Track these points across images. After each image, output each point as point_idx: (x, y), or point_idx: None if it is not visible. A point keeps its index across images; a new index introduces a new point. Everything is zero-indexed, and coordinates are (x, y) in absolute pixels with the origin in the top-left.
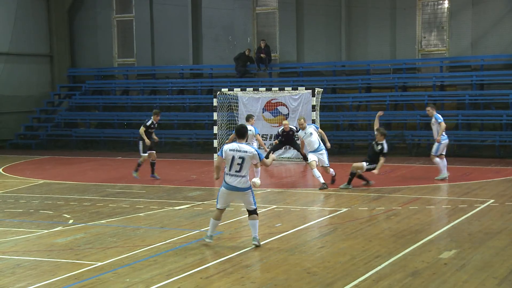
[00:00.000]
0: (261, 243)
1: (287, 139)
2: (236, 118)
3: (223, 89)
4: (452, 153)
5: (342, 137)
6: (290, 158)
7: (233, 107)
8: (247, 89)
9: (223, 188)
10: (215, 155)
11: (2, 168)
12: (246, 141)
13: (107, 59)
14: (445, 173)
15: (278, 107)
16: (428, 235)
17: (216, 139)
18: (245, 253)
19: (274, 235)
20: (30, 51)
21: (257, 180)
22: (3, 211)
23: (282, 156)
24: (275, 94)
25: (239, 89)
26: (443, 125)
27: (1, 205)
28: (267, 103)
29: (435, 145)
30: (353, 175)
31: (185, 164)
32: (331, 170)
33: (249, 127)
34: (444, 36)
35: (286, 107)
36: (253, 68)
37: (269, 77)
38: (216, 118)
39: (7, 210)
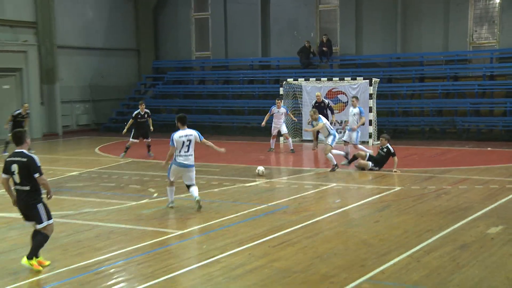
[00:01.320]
0: (322, 217)
1: (318, 109)
2: (300, 105)
3: (288, 79)
4: (500, 138)
5: (397, 123)
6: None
7: (297, 95)
8: (310, 79)
9: (174, 166)
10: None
11: (98, 148)
12: None
13: (186, 53)
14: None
15: (338, 95)
16: (476, 212)
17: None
18: (308, 226)
19: (334, 210)
20: (121, 46)
21: (261, 168)
22: (99, 185)
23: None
24: (336, 84)
25: (303, 79)
26: (363, 119)
27: (97, 180)
28: (328, 91)
29: (355, 133)
30: (354, 158)
31: (255, 146)
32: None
33: (282, 109)
34: (495, 29)
35: (345, 95)
36: (316, 60)
37: (330, 68)
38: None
39: (102, 184)
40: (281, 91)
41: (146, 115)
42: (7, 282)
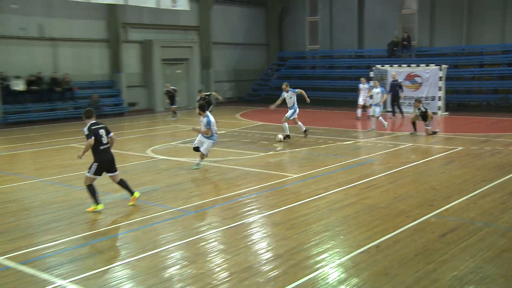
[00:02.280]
0: (400, 168)
1: (393, 87)
2: (384, 85)
3: (377, 65)
4: None
5: (460, 99)
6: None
7: (384, 78)
8: (394, 65)
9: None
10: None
11: (238, 114)
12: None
13: (301, 46)
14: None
15: (415, 78)
16: None
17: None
18: (389, 174)
19: (409, 163)
20: (255, 42)
21: (280, 135)
22: (239, 140)
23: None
24: (413, 69)
25: (388, 65)
26: (385, 96)
27: (237, 137)
28: (407, 75)
29: (378, 108)
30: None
31: (351, 115)
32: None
33: (366, 85)
34: None
35: (421, 77)
36: (398, 51)
37: (409, 58)
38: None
39: (241, 140)
40: (371, 74)
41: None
42: (185, 202)
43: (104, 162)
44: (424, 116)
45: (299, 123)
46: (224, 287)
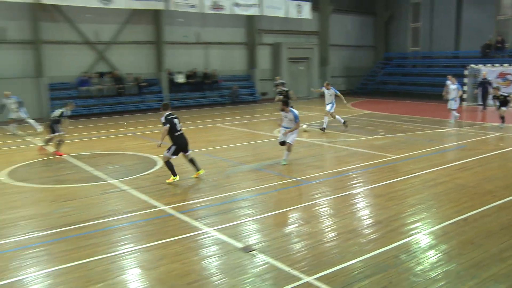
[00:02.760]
0: (489, 154)
1: (483, 84)
2: (476, 82)
3: (471, 65)
4: None
5: None
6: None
7: (476, 76)
8: (487, 65)
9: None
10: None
11: (350, 103)
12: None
13: (404, 48)
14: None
15: (507, 76)
16: None
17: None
18: (479, 158)
19: (497, 150)
20: (364, 44)
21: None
22: (349, 126)
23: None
24: (505, 68)
25: (481, 65)
26: (461, 92)
27: (348, 122)
28: (500, 73)
29: (453, 102)
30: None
31: (441, 106)
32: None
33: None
34: None
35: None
36: (492, 52)
37: (502, 58)
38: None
39: (351, 125)
40: (466, 72)
41: None
42: (303, 174)
43: (180, 145)
44: (504, 101)
45: (337, 116)
46: (333, 244)
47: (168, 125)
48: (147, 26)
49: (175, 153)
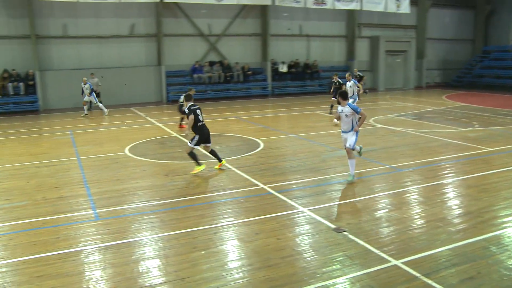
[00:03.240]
0: None
1: None
2: None
3: None
4: None
5: None
6: None
7: None
8: None
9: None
10: None
11: (444, 96)
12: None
13: (504, 41)
14: None
15: None
16: None
17: None
18: None
19: None
20: (462, 37)
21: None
22: (443, 117)
23: None
24: None
25: None
26: None
27: (441, 114)
28: None
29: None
30: None
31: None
32: None
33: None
34: None
35: None
36: None
37: None
38: None
39: (445, 116)
40: None
41: None
42: (396, 162)
43: (203, 135)
44: None
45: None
46: (422, 230)
47: (192, 115)
48: (254, 20)
49: (198, 143)
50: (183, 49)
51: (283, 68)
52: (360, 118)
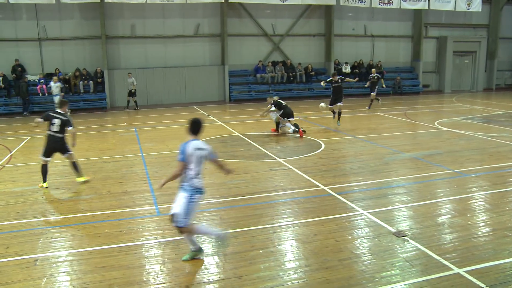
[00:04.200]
0: None
1: None
2: None
3: None
4: None
5: None
6: None
7: None
8: None
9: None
10: None
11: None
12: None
13: None
14: None
15: None
16: None
17: None
18: None
19: None
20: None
21: (323, 104)
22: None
23: None
24: None
25: None
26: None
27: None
28: None
29: None
30: None
31: None
32: None
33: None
34: None
35: None
36: None
37: None
38: None
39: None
40: None
41: None
42: (461, 166)
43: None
44: None
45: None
46: (487, 239)
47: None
48: (318, 20)
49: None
50: (247, 49)
51: (346, 69)
52: None
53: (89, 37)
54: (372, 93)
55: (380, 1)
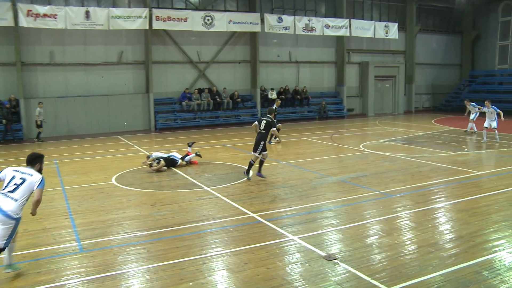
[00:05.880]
0: None
1: None
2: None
3: None
4: None
5: None
6: None
7: None
8: None
9: None
10: None
11: (434, 120)
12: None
13: (491, 65)
14: None
15: None
16: None
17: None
18: None
19: None
20: (449, 62)
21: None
22: (432, 141)
23: None
24: None
25: None
26: None
27: (432, 138)
28: None
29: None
30: None
31: None
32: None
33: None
34: None
35: None
36: None
37: None
38: None
39: (434, 141)
40: None
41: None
42: (387, 187)
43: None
44: None
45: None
46: (413, 256)
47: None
48: (244, 46)
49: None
50: (172, 76)
51: (273, 95)
52: None
53: (2, 63)
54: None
55: (304, 28)
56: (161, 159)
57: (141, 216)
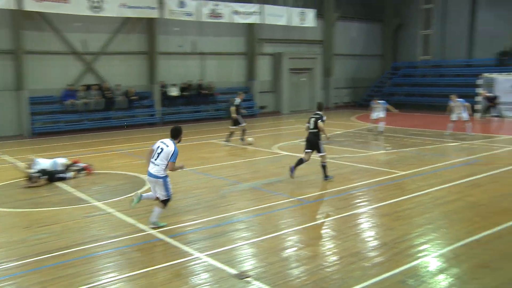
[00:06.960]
0: (504, 169)
1: None
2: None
3: (485, 74)
4: None
5: None
6: None
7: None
8: (503, 73)
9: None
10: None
11: (355, 116)
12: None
13: (413, 56)
14: None
15: None
16: None
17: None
18: (493, 174)
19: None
20: (371, 53)
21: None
22: (353, 140)
23: None
24: None
25: (496, 73)
26: None
27: (352, 136)
28: None
29: None
30: None
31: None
32: None
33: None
34: None
35: None
36: (509, 60)
37: None
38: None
39: (355, 139)
40: (479, 82)
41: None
42: (304, 193)
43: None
44: None
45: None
46: (334, 268)
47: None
48: (139, 35)
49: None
50: (52, 69)
51: (174, 92)
52: None
53: None
54: None
55: (210, 14)
56: (45, 175)
57: (11, 242)
